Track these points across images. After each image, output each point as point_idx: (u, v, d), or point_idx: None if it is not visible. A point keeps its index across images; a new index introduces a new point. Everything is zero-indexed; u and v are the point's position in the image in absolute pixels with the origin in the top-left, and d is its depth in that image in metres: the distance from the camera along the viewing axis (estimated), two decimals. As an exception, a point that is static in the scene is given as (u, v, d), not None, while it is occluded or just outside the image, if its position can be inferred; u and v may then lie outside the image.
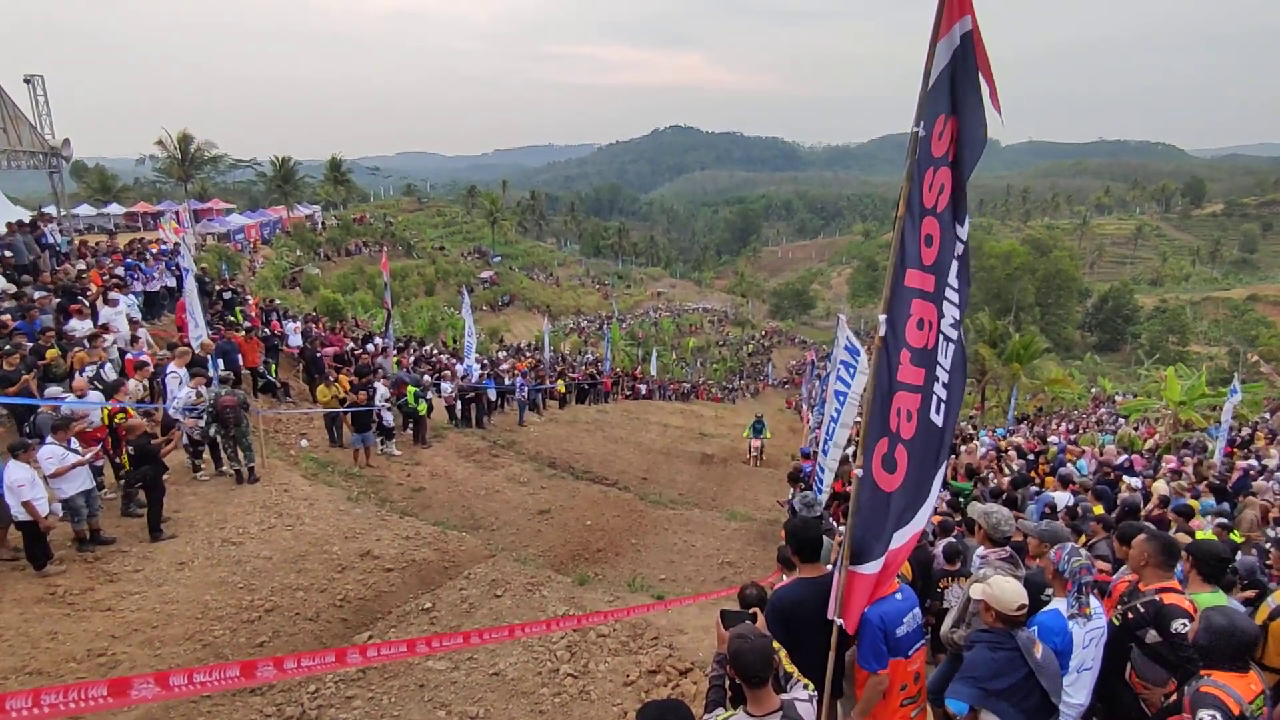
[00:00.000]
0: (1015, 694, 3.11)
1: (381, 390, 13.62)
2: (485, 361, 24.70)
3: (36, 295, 12.10)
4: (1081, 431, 22.04)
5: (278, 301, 23.28)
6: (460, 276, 61.63)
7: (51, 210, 17.77)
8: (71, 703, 2.64)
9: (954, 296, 2.87)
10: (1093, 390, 40.88)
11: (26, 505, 7.44)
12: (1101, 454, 13.78)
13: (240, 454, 10.59)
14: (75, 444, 8.13)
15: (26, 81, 15.45)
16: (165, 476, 9.23)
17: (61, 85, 16.69)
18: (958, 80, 2.79)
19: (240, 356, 13.74)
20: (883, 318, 3.05)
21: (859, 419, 5.30)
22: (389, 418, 13.94)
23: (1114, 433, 20.74)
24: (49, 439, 7.85)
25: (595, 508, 13.78)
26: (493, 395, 20.22)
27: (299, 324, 18.61)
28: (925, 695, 3.61)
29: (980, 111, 2.81)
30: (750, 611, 3.86)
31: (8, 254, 13.69)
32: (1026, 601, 3.25)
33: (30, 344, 10.07)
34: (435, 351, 24.54)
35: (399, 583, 8.69)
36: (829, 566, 3.63)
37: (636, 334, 61.77)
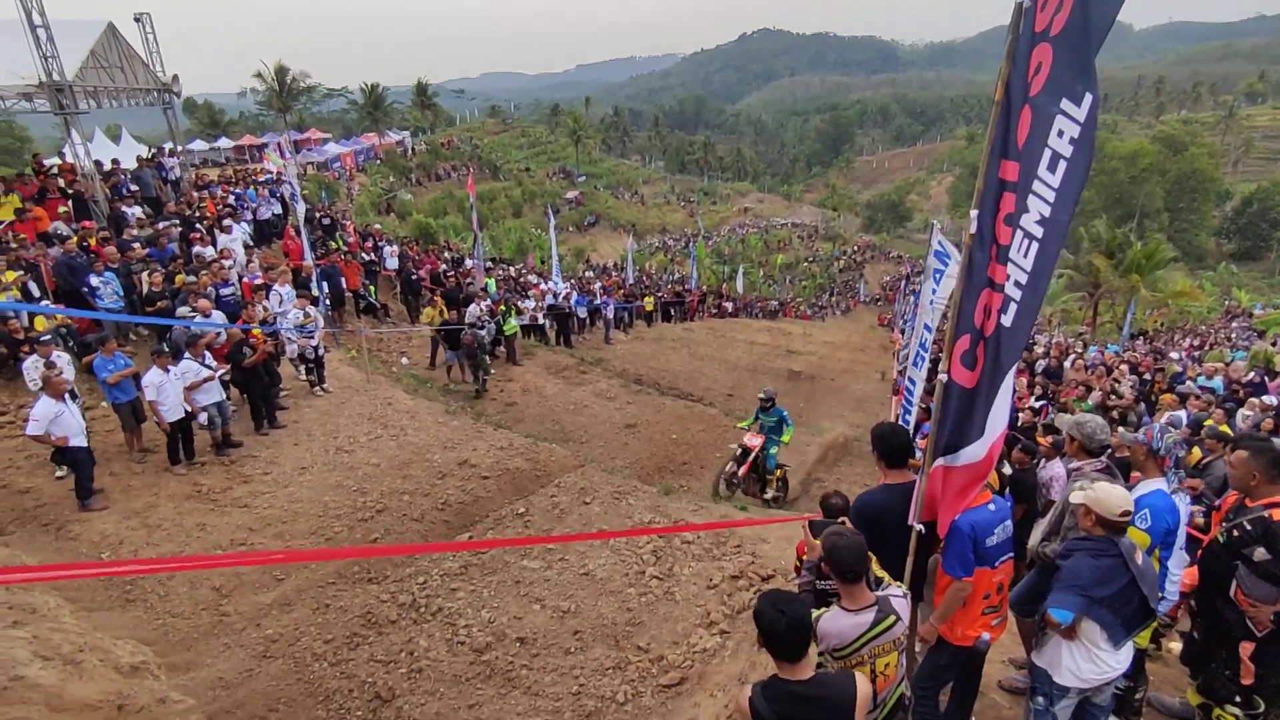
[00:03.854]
0: (1116, 601, 3.07)
1: (473, 310, 14.12)
2: (574, 281, 25.08)
3: (162, 225, 13.10)
4: (1208, 348, 20.34)
5: (376, 226, 24.20)
6: (546, 197, 61.85)
7: (169, 145, 18.93)
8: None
9: (1045, 190, 2.64)
10: (1226, 303, 37.30)
11: (151, 405, 8.39)
12: (1229, 370, 12.73)
13: (480, 374, 13.40)
14: (210, 359, 8.96)
15: (136, 20, 16.21)
16: (284, 391, 10.13)
17: (165, 22, 17.39)
18: None
19: (342, 279, 14.52)
20: (974, 213, 2.90)
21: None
22: (483, 336, 14.51)
23: (1247, 349, 19.02)
24: (185, 354, 8.68)
25: (680, 422, 14.05)
26: (582, 314, 20.60)
27: (395, 248, 19.36)
28: (1006, 606, 3.60)
29: None
30: (837, 521, 3.92)
31: (134, 187, 14.80)
32: (1131, 507, 3.14)
33: (163, 269, 11.01)
34: (523, 272, 25.07)
35: (494, 489, 9.26)
36: (913, 474, 3.60)
37: (723, 251, 60.78)
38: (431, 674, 5.97)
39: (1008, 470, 6.42)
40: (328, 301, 13.56)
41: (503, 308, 14.99)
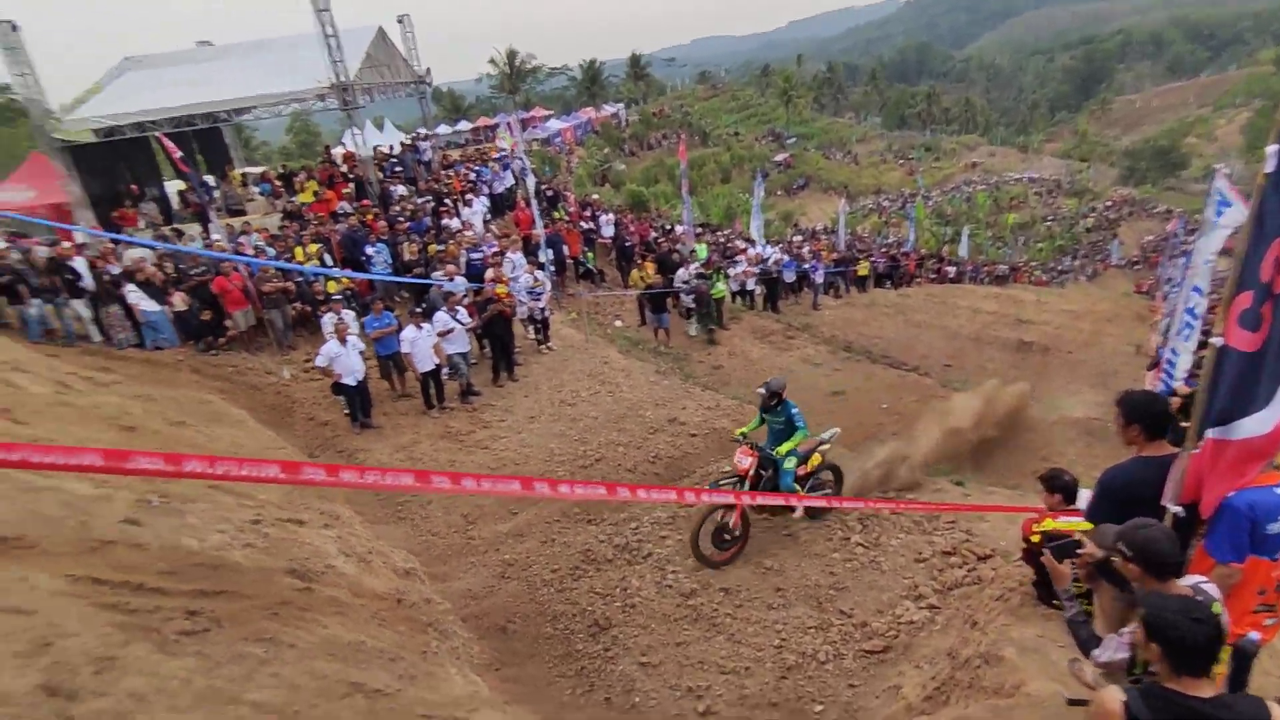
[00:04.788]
0: None
1: (680, 274, 14.56)
2: (782, 245, 24.71)
3: (418, 201, 15.04)
4: None
5: (594, 196, 25.60)
6: (755, 161, 61.01)
7: (422, 130, 21.53)
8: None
9: None
10: None
11: (406, 357, 9.90)
12: None
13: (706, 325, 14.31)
14: (462, 314, 10.30)
15: (399, 21, 18.60)
16: (517, 350, 11.41)
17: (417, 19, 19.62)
18: None
19: (564, 246, 15.67)
20: (1273, 148, 2.50)
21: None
22: (689, 300, 14.93)
23: None
24: (440, 309, 10.06)
25: (891, 391, 13.45)
26: (790, 278, 20.30)
27: (611, 216, 20.40)
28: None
29: None
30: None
31: (399, 169, 17.11)
32: None
33: (419, 240, 12.70)
34: (731, 237, 25.16)
35: (702, 446, 9.62)
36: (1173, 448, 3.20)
37: (945, 211, 55.96)
38: (643, 610, 6.46)
39: None
40: (552, 267, 14.74)
41: (712, 272, 15.26)
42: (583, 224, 18.25)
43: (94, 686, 2.58)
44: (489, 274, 11.60)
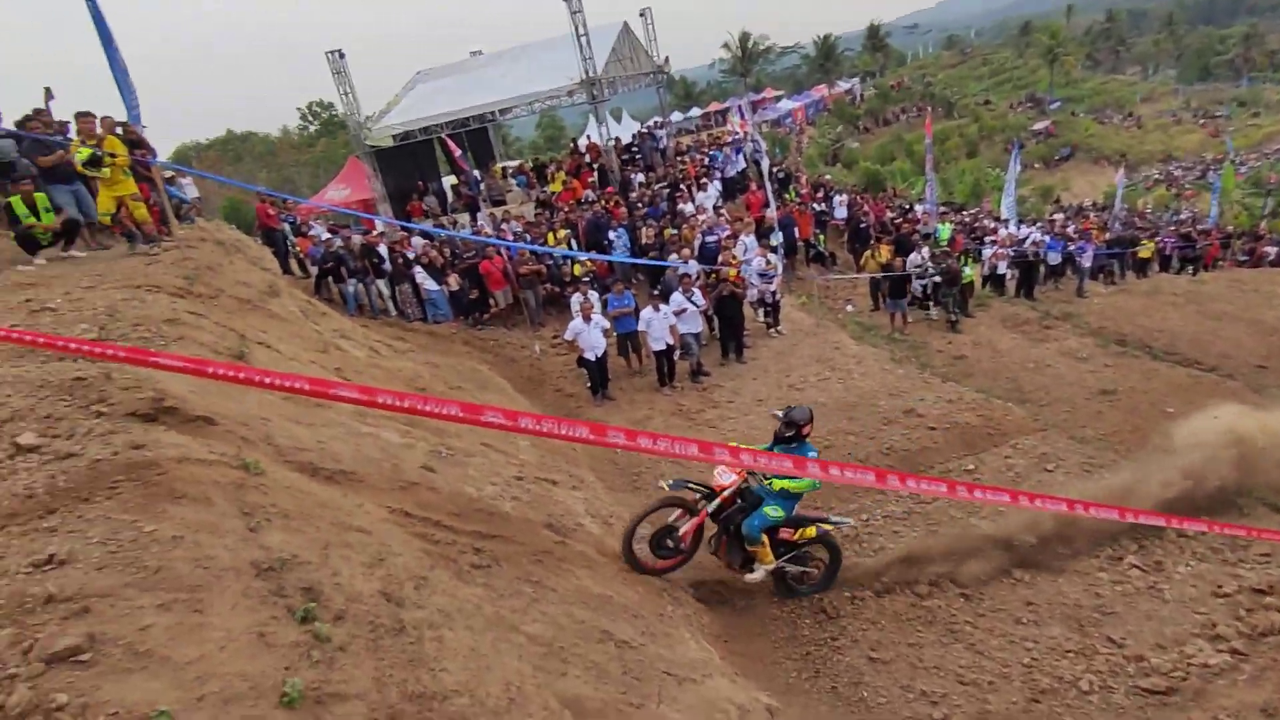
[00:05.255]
0: None
1: (914, 258, 13.62)
2: (1041, 224, 22.01)
3: (655, 187, 15.71)
4: None
5: (826, 176, 24.84)
6: (1009, 131, 54.78)
7: (658, 119, 22.38)
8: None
9: None
10: None
11: (642, 335, 10.56)
12: None
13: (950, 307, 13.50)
14: (697, 295, 10.67)
15: (641, 15, 19.46)
16: (746, 333, 11.51)
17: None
18: None
19: (795, 229, 15.42)
20: None
21: None
22: (920, 286, 13.93)
23: None
24: (676, 290, 10.50)
25: (1180, 393, 11.45)
26: (1054, 260, 18.04)
27: (844, 197, 19.66)
28: None
29: None
30: None
31: (638, 157, 18.00)
32: None
33: (656, 224, 13.28)
34: (979, 216, 22.97)
35: (941, 441, 9.00)
36: None
37: (1264, 179, 45.71)
38: (872, 605, 6.25)
39: None
40: (782, 250, 14.60)
41: (959, 255, 14.09)
42: (814, 205, 17.80)
43: (414, 599, 3.13)
44: (721, 256, 11.82)
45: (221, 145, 50.57)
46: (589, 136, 22.38)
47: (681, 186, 16.14)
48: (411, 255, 12.81)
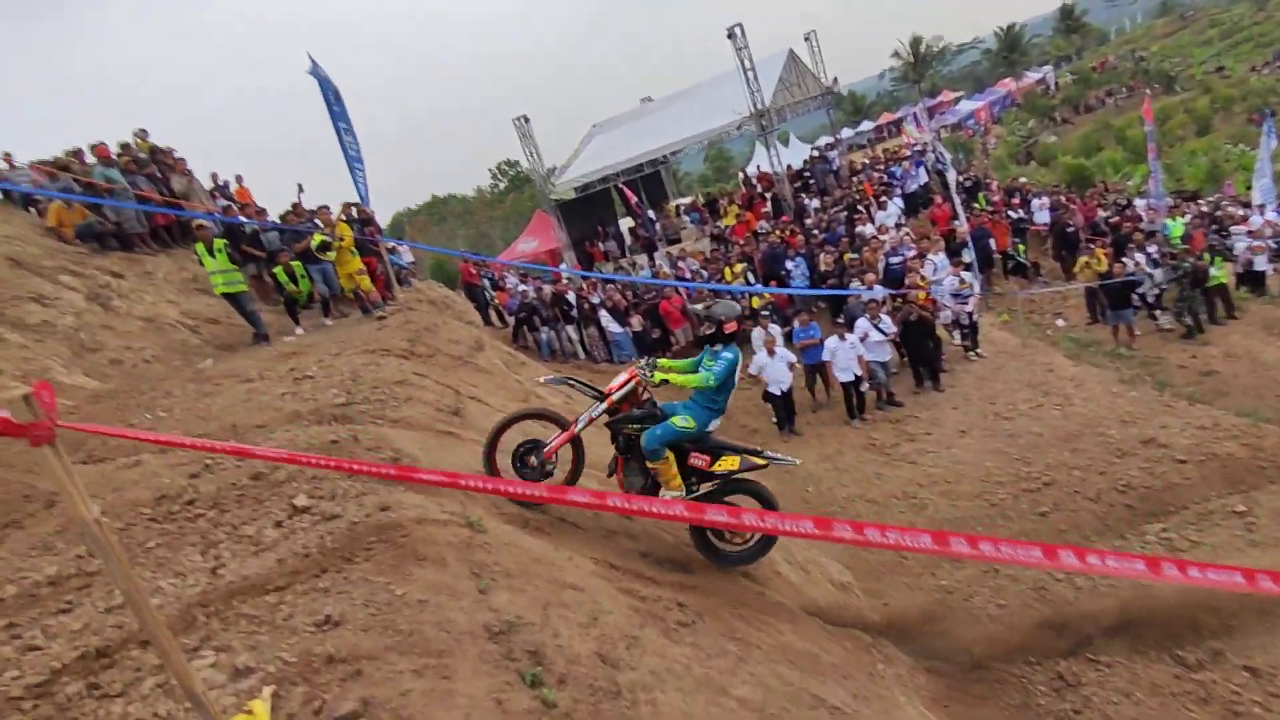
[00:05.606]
0: None
1: (1137, 259, 11.93)
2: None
3: (831, 211, 15.25)
4: None
5: (1021, 179, 22.75)
6: (1253, 99, 46.76)
7: (827, 140, 21.83)
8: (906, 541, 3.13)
9: None
10: None
11: (827, 366, 10.28)
12: None
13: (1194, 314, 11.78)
14: (886, 322, 10.19)
15: (806, 39, 19.25)
16: (943, 358, 10.74)
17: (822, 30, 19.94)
18: None
19: (990, 240, 14.18)
20: None
21: None
22: (1153, 292, 12.13)
23: None
24: (861, 317, 10.10)
25: None
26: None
27: (1044, 199, 17.83)
28: None
29: None
30: None
31: (811, 181, 17.64)
32: None
33: (834, 250, 12.87)
34: (1221, 203, 19.73)
35: (1195, 476, 7.73)
36: None
37: None
38: (1125, 674, 5.44)
39: None
40: (977, 265, 13.49)
41: (1204, 254, 12.19)
42: (1010, 212, 16.28)
43: (627, 660, 3.19)
44: (908, 279, 11.17)
45: (428, 209, 56.98)
46: (758, 165, 22.32)
47: (859, 208, 15.52)
48: (596, 300, 13.46)
